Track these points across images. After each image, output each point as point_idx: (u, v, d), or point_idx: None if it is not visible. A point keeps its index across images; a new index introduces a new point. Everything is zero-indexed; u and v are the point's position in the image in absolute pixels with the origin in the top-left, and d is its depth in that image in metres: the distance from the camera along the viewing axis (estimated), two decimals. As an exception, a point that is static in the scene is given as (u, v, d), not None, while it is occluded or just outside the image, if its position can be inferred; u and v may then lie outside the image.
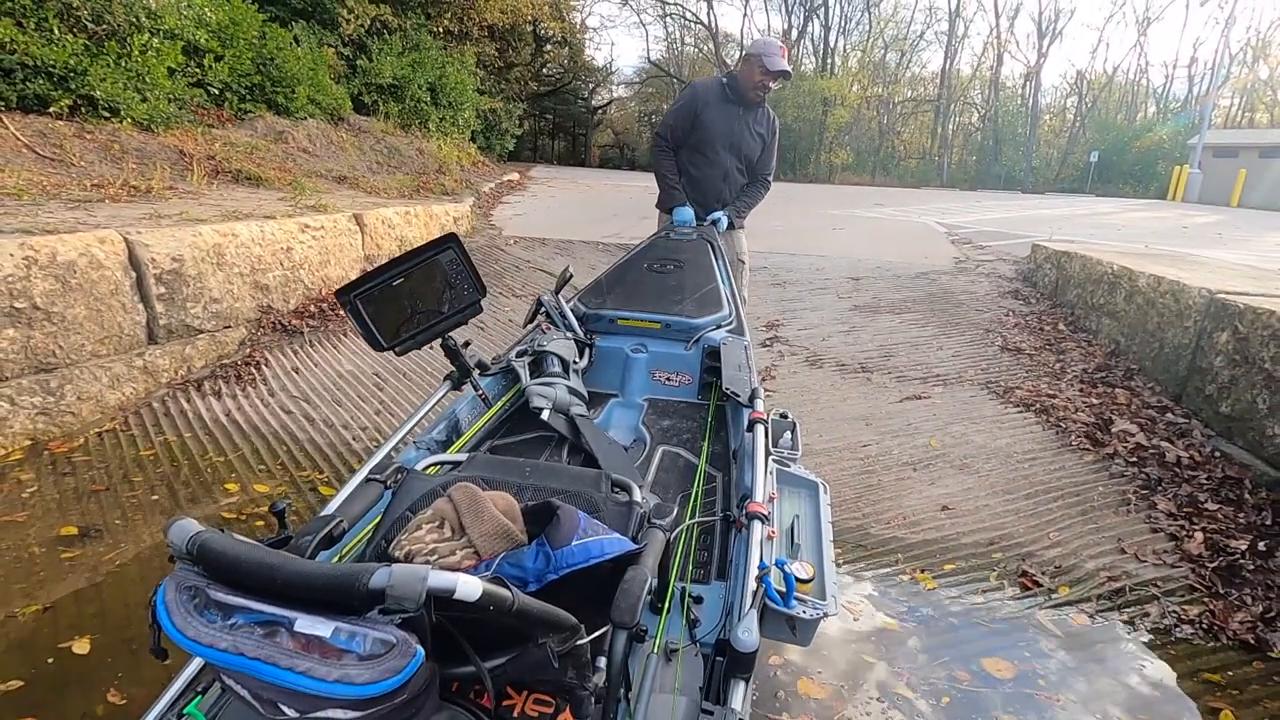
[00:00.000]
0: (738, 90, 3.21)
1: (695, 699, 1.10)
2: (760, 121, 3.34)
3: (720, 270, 2.72)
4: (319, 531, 1.11)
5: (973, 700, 1.83)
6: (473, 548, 1.00)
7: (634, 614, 0.93)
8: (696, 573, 1.44)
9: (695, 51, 33.97)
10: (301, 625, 0.68)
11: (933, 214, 11.55)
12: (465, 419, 1.91)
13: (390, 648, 0.67)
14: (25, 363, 2.83)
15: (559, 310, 2.42)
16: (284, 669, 0.66)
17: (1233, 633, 2.10)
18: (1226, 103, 30.37)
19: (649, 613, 1.22)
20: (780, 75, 3.10)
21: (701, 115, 3.24)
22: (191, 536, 0.74)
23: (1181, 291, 3.50)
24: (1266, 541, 2.41)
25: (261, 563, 0.71)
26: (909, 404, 3.64)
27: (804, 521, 1.58)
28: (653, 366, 2.37)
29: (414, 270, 1.70)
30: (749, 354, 2.17)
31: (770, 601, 1.21)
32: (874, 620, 2.13)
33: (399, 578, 0.66)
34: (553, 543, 0.99)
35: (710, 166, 3.33)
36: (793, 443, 1.78)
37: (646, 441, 2.05)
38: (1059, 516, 2.68)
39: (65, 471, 2.69)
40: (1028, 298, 5.45)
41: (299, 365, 3.73)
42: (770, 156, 3.45)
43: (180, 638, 0.70)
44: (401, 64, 10.59)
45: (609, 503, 1.21)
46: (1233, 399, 2.99)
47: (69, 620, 1.91)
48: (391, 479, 1.30)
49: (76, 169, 4.70)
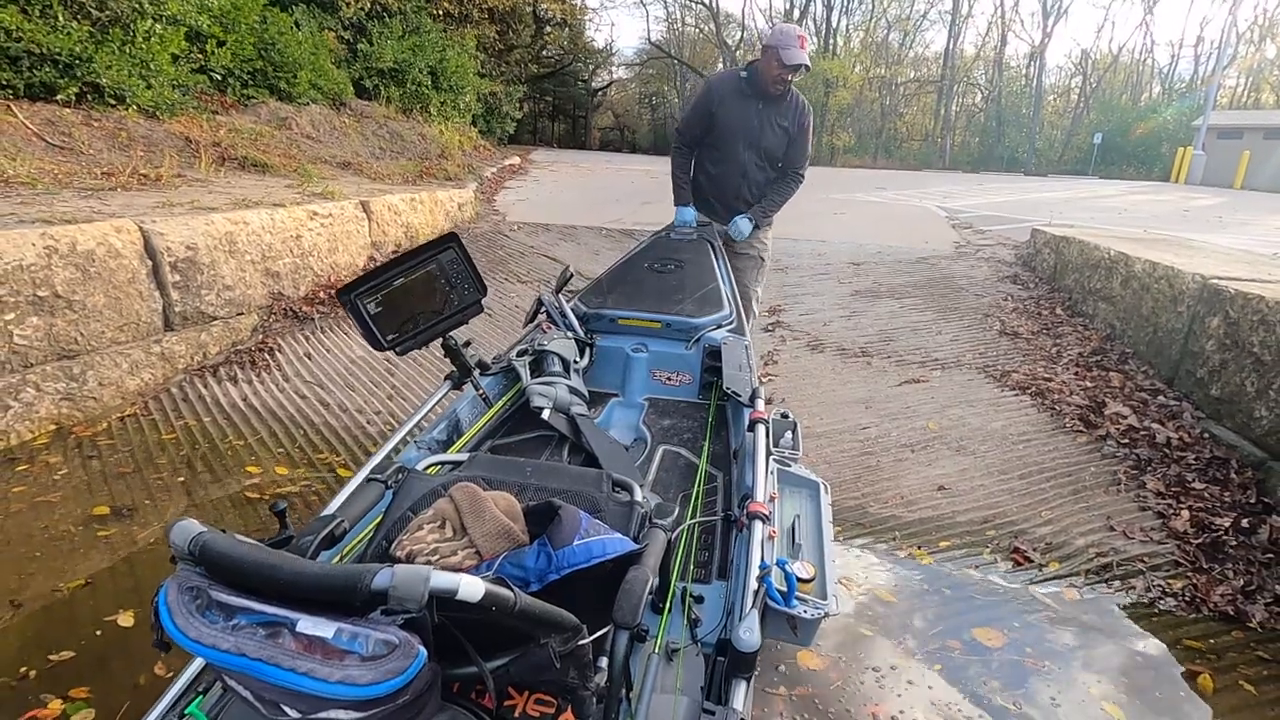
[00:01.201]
0: (756, 83, 3.02)
1: (697, 699, 1.11)
2: (785, 114, 3.10)
3: (720, 270, 2.70)
4: (320, 532, 1.11)
5: (963, 668, 1.93)
6: (474, 548, 1.00)
7: (635, 614, 0.93)
8: (697, 572, 1.45)
9: (696, 32, 33.60)
10: (304, 626, 0.68)
11: (934, 198, 11.55)
12: (466, 419, 1.92)
13: (393, 649, 0.67)
14: (49, 350, 2.92)
15: (559, 310, 2.42)
16: (286, 670, 0.66)
17: (1214, 605, 2.20)
18: (1233, 83, 30.13)
19: (650, 613, 1.23)
20: (797, 69, 2.90)
21: (717, 112, 3.09)
22: (193, 537, 0.74)
23: (1175, 277, 3.57)
24: (1249, 519, 2.50)
25: (263, 563, 0.71)
26: (908, 387, 3.72)
27: (805, 521, 1.58)
28: (653, 366, 2.37)
29: (415, 270, 1.70)
30: (749, 354, 2.17)
31: (771, 601, 1.22)
32: (871, 594, 2.23)
33: (401, 578, 0.66)
34: (554, 543, 1.00)
35: (728, 164, 3.18)
36: (793, 442, 1.78)
37: (647, 441, 2.05)
38: (1051, 496, 2.77)
39: (91, 455, 2.78)
40: (1026, 282, 5.51)
41: (311, 351, 3.82)
42: (800, 150, 3.21)
43: (182, 638, 0.70)
44: (402, 47, 10.54)
45: (610, 502, 1.21)
46: (1222, 382, 3.07)
47: (109, 594, 2.02)
48: (392, 479, 1.30)
49: (86, 157, 4.75)
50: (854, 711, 1.76)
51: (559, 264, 5.77)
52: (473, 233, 6.34)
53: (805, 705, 1.77)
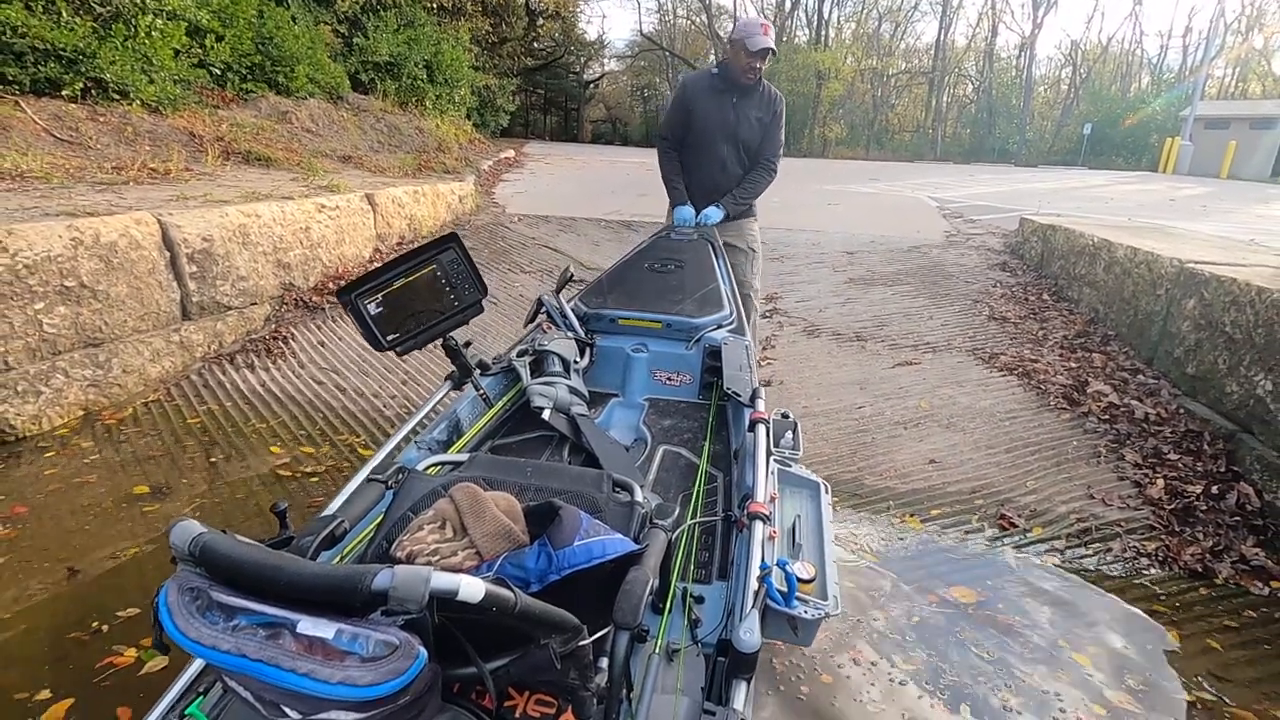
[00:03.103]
0: (728, 77, 3.10)
1: (697, 699, 1.11)
2: (758, 105, 3.18)
3: (721, 270, 2.71)
4: (320, 532, 1.11)
5: (942, 621, 2.10)
6: (474, 548, 1.00)
7: (636, 614, 0.92)
8: (698, 573, 1.45)
9: (688, 24, 33.61)
10: (304, 627, 0.68)
11: (926, 189, 11.71)
12: (466, 419, 1.92)
13: (393, 649, 0.67)
14: (75, 338, 3.03)
15: (560, 310, 2.41)
16: (286, 671, 0.66)
17: (1184, 563, 2.37)
18: (1221, 73, 30.43)
19: (650, 613, 1.23)
20: (763, 54, 2.97)
21: (693, 109, 3.16)
22: (194, 538, 0.74)
23: (1154, 262, 3.73)
24: (1219, 485, 2.67)
25: (264, 564, 0.71)
26: (901, 370, 3.88)
27: (805, 521, 1.58)
28: (653, 366, 2.36)
29: (415, 270, 1.70)
30: (750, 353, 2.17)
31: (772, 602, 1.22)
32: (865, 558, 2.39)
33: (402, 579, 0.66)
34: (554, 543, 0.99)
35: (706, 159, 3.23)
36: (794, 442, 1.78)
37: (647, 441, 2.05)
38: (1036, 468, 2.94)
39: (121, 439, 2.90)
40: (1015, 270, 5.68)
41: (324, 339, 3.93)
42: (773, 140, 3.27)
43: (183, 639, 0.70)
44: (397, 41, 10.59)
45: (610, 503, 1.20)
46: (1197, 360, 3.24)
47: (163, 562, 2.15)
48: (392, 479, 1.29)
49: (94, 151, 4.82)
50: (834, 654, 1.92)
51: (560, 254, 5.90)
52: (474, 225, 6.45)
53: (793, 650, 1.91)
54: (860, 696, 1.80)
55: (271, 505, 1.11)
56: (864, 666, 1.90)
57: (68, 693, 1.66)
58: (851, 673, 1.87)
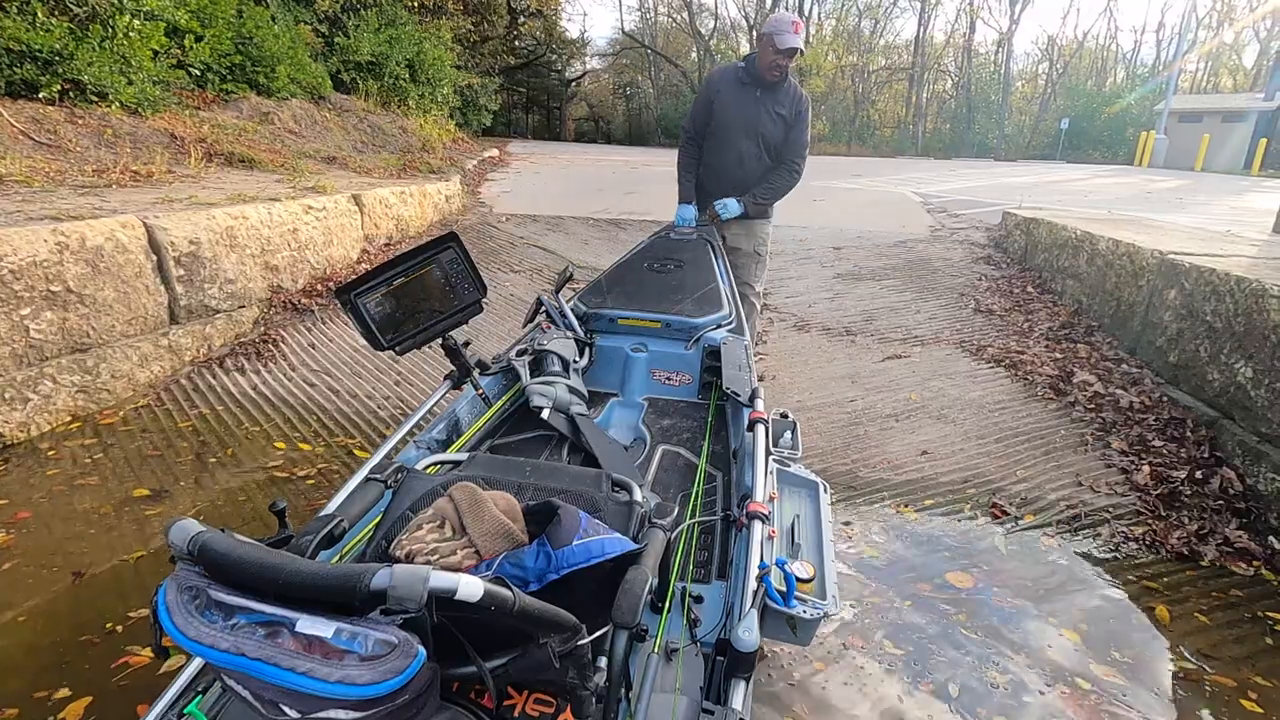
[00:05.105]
0: (754, 72, 3.10)
1: (696, 698, 1.11)
2: (783, 102, 3.15)
3: (720, 270, 2.72)
4: (319, 531, 1.11)
5: (938, 605, 2.14)
6: (474, 547, 1.00)
7: (635, 614, 0.92)
8: (697, 572, 1.45)
9: (669, 21, 33.62)
10: (303, 626, 0.68)
11: (909, 184, 11.83)
12: (465, 418, 1.92)
13: (392, 648, 0.67)
14: (63, 343, 2.98)
15: (559, 309, 2.41)
16: (285, 669, 0.66)
17: (1170, 547, 2.44)
18: (1193, 68, 31.00)
19: (649, 612, 1.22)
20: (791, 53, 2.99)
21: (715, 101, 3.16)
22: (192, 537, 0.73)
23: (1136, 253, 3.81)
24: (1203, 470, 2.75)
25: (262, 563, 0.71)
26: (890, 363, 3.93)
27: (804, 521, 1.59)
28: (653, 366, 2.37)
29: (414, 269, 1.70)
30: (749, 353, 2.17)
31: (771, 601, 1.22)
32: (860, 547, 2.42)
33: (400, 578, 0.66)
34: (554, 542, 0.99)
35: (725, 152, 3.22)
36: (793, 442, 1.78)
37: (646, 441, 2.05)
38: (1025, 457, 2.99)
39: (112, 443, 2.87)
40: (999, 263, 5.76)
41: (315, 341, 3.91)
42: (796, 139, 3.22)
43: (182, 638, 0.70)
44: (379, 40, 10.50)
45: (609, 502, 1.20)
46: (1179, 349, 3.32)
47: (162, 565, 2.13)
48: (392, 478, 1.29)
49: (74, 154, 4.74)
50: (829, 639, 1.95)
51: (549, 253, 5.89)
52: (461, 225, 6.42)
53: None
54: (853, 680, 1.83)
55: (270, 504, 1.11)
56: (856, 650, 1.93)
57: (85, 691, 1.68)
58: (844, 657, 1.91)
